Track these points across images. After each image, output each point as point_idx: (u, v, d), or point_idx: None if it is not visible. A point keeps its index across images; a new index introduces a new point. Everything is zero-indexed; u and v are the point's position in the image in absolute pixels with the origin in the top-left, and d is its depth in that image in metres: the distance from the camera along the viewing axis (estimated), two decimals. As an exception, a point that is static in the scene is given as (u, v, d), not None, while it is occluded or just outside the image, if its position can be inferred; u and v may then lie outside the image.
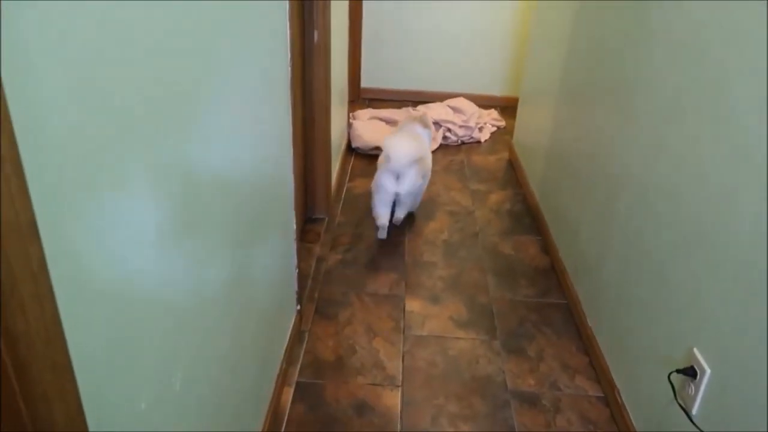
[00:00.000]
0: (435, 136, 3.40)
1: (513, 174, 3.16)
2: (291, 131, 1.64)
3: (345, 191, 2.90)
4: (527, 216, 2.74)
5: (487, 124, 3.71)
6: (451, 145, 3.51)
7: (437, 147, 3.40)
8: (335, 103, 2.64)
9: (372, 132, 3.34)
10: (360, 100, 4.07)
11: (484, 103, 3.96)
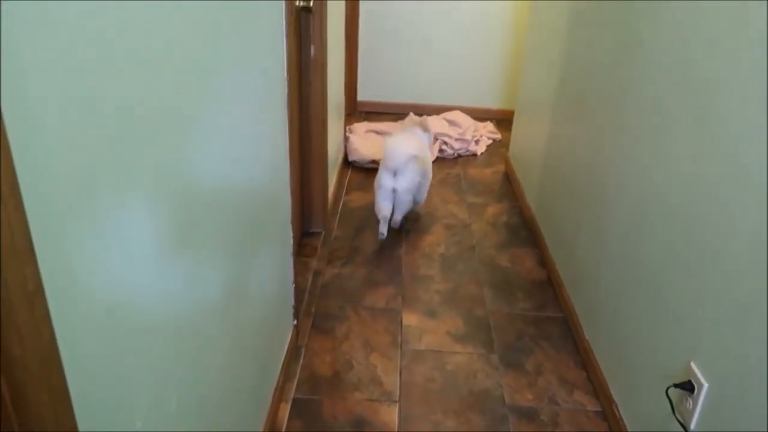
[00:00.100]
0: (432, 149, 3.42)
1: (509, 187, 3.17)
2: (288, 145, 1.64)
3: (342, 205, 2.90)
4: (524, 229, 2.74)
5: (483, 137, 3.73)
6: (448, 158, 3.52)
7: (434, 160, 3.41)
8: (332, 117, 2.65)
9: (369, 146, 3.35)
10: (356, 114, 4.09)
11: (480, 116, 3.98)
